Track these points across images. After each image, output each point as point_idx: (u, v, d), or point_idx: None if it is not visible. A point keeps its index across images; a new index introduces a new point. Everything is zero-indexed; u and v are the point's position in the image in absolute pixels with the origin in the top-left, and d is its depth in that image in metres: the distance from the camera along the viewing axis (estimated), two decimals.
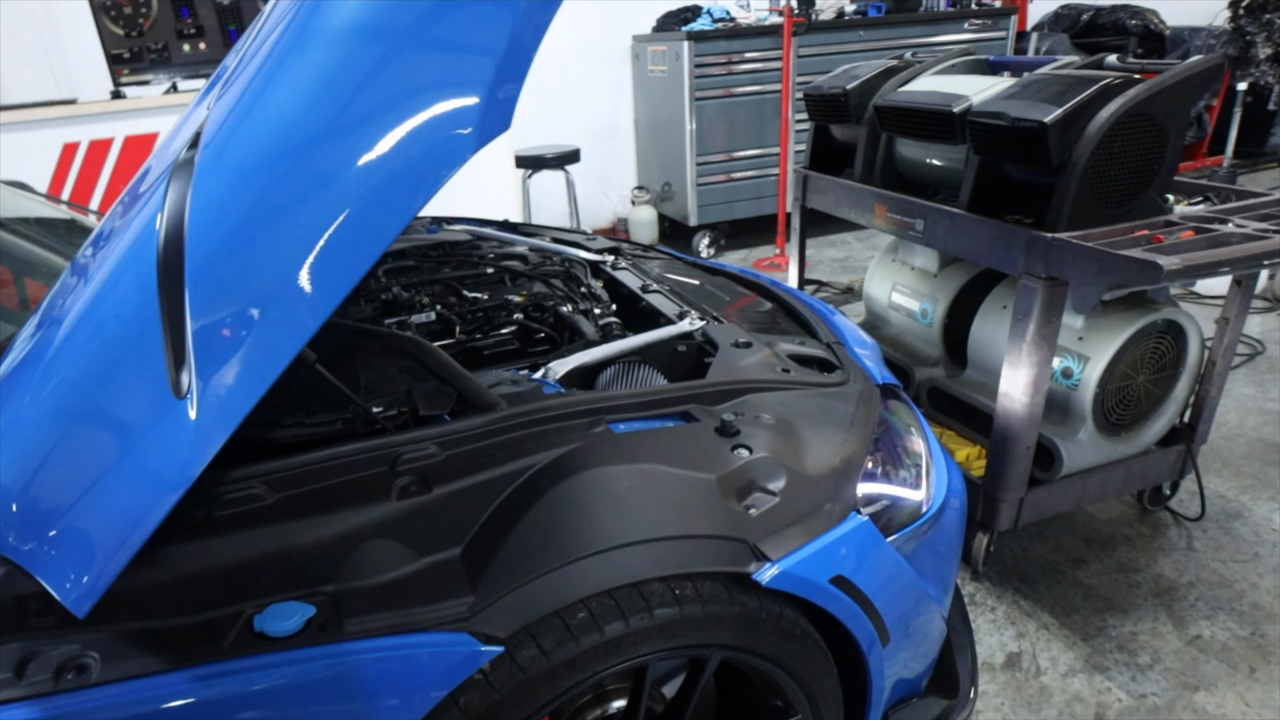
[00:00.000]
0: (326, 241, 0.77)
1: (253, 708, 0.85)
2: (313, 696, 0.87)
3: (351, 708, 0.89)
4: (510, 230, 2.47)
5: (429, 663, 0.91)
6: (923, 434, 1.52)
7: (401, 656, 0.90)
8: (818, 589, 1.08)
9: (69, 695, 0.81)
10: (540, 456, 1.07)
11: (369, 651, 0.89)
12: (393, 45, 0.76)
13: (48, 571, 0.76)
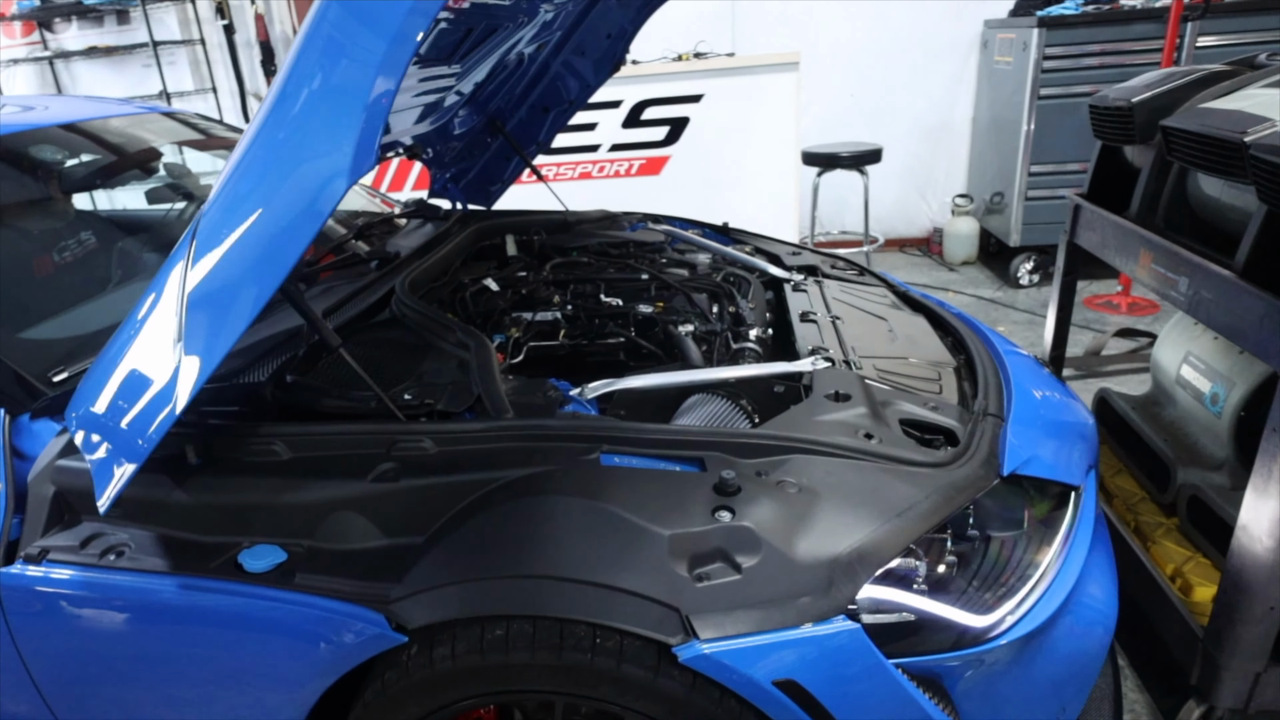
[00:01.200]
0: (264, 249, 0.90)
1: (210, 623, 1.06)
2: (255, 627, 1.06)
3: (279, 647, 1.06)
4: (721, 236, 2.48)
5: (344, 632, 1.03)
6: (1062, 546, 1.23)
7: (325, 619, 1.04)
8: (754, 688, 0.97)
9: (104, 571, 1.10)
10: (515, 472, 1.11)
11: (303, 605, 1.04)
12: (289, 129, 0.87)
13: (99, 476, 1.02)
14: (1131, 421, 2.08)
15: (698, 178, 4.10)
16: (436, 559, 1.04)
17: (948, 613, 1.07)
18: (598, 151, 4.12)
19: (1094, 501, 1.43)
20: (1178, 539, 1.82)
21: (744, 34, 5.05)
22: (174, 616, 1.08)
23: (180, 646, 1.12)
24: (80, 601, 1.12)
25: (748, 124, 3.96)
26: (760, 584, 1.00)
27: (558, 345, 1.62)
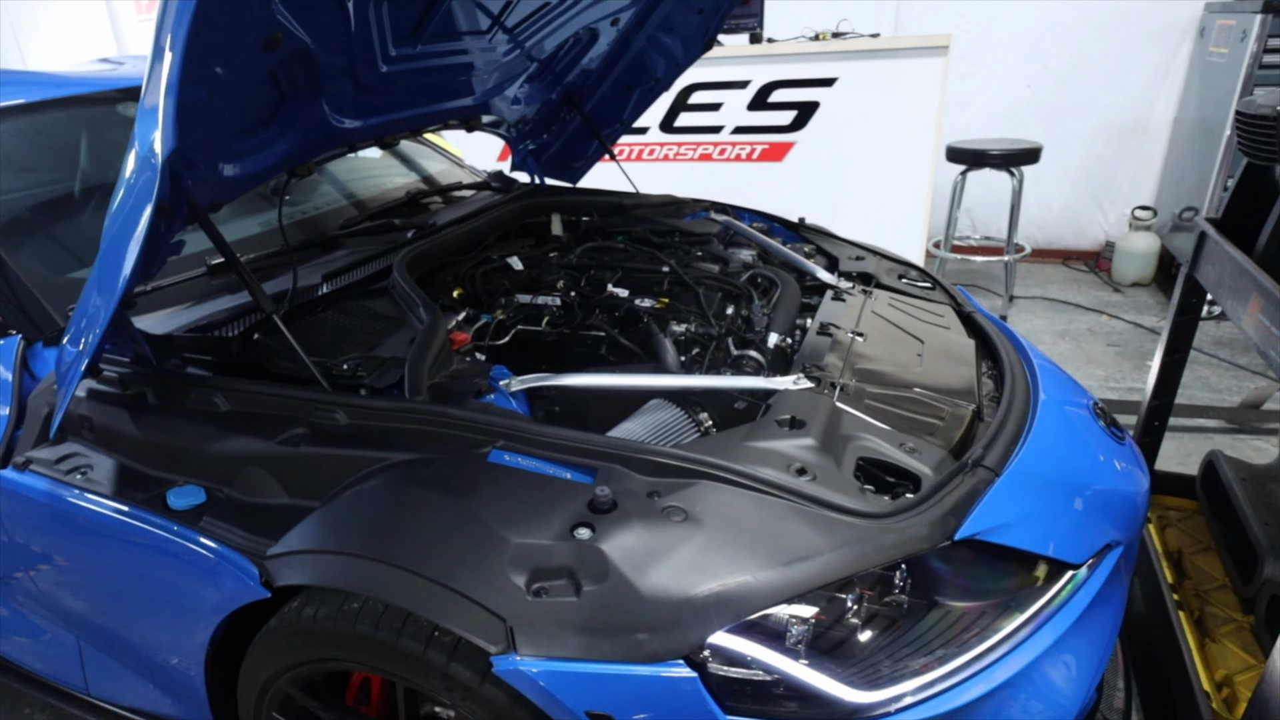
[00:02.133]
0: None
1: (135, 546, 1.20)
2: (166, 557, 1.17)
3: (182, 579, 1.17)
4: (790, 233, 2.36)
5: (227, 577, 1.12)
6: (1020, 629, 1.10)
7: (216, 562, 1.13)
8: (567, 715, 0.94)
9: (66, 487, 1.25)
10: (404, 455, 1.14)
11: (201, 546, 1.14)
12: None
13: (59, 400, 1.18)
14: (1233, 494, 1.77)
15: (822, 167, 3.91)
16: (310, 526, 1.09)
17: (817, 681, 0.97)
18: (720, 133, 4.03)
19: (1101, 581, 1.24)
20: (1246, 641, 1.54)
21: (909, 12, 4.71)
22: (109, 534, 1.23)
23: (113, 559, 1.27)
24: (46, 508, 1.29)
25: (883, 112, 3.71)
26: (597, 610, 0.96)
27: (543, 332, 1.62)
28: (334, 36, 1.31)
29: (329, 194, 2.32)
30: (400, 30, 1.50)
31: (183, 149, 1.13)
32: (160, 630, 1.28)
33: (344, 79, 1.46)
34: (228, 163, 1.36)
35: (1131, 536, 1.37)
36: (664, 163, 4.20)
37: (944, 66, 3.53)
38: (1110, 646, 1.24)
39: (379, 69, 1.53)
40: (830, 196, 3.94)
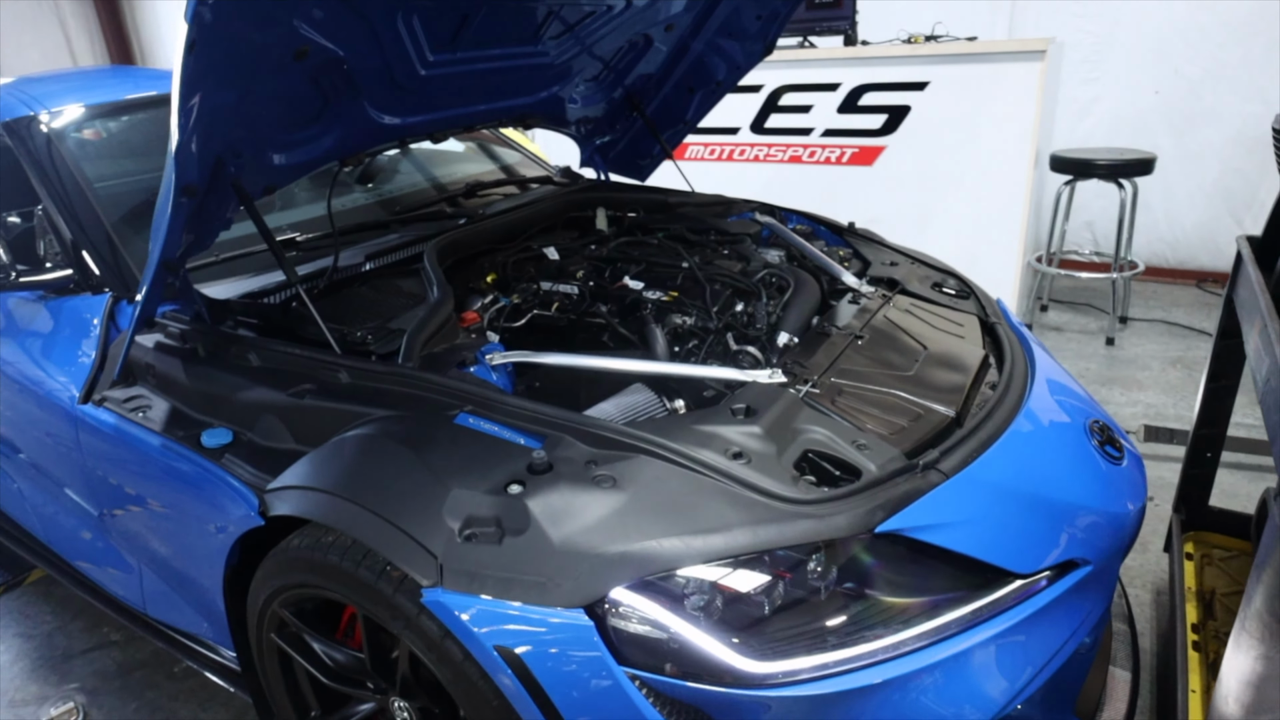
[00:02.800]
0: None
1: (174, 475, 1.44)
2: (196, 486, 1.40)
3: (206, 505, 1.40)
4: (835, 235, 2.39)
5: (237, 506, 1.33)
6: (935, 629, 1.14)
7: (231, 493, 1.35)
8: (479, 647, 1.07)
9: (128, 421, 1.51)
10: (385, 411, 1.31)
11: (221, 479, 1.36)
12: None
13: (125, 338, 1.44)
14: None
15: (913, 172, 3.85)
16: (299, 467, 1.27)
17: (706, 644, 1.06)
18: (810, 135, 4.04)
19: (1051, 598, 1.25)
20: None
21: (1024, 13, 4.53)
22: (155, 464, 1.47)
23: (157, 486, 1.51)
24: (112, 439, 1.55)
25: (976, 118, 3.61)
26: (515, 557, 1.08)
27: (553, 317, 1.75)
28: (363, 47, 1.49)
29: (409, 179, 2.57)
30: (436, 39, 1.68)
31: (224, 141, 1.36)
32: (191, 554, 1.51)
33: (383, 82, 1.66)
34: (277, 153, 1.59)
35: (1105, 558, 1.35)
36: (754, 163, 4.25)
37: (1041, 71, 3.39)
38: (1053, 666, 1.24)
39: (418, 73, 1.71)
40: (921, 202, 3.87)
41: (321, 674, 1.39)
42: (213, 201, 1.47)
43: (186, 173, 1.19)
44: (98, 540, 1.80)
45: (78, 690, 1.95)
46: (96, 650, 2.08)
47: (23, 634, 2.16)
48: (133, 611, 1.84)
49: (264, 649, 1.45)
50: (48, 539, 2.06)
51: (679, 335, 1.70)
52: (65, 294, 1.76)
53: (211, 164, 1.36)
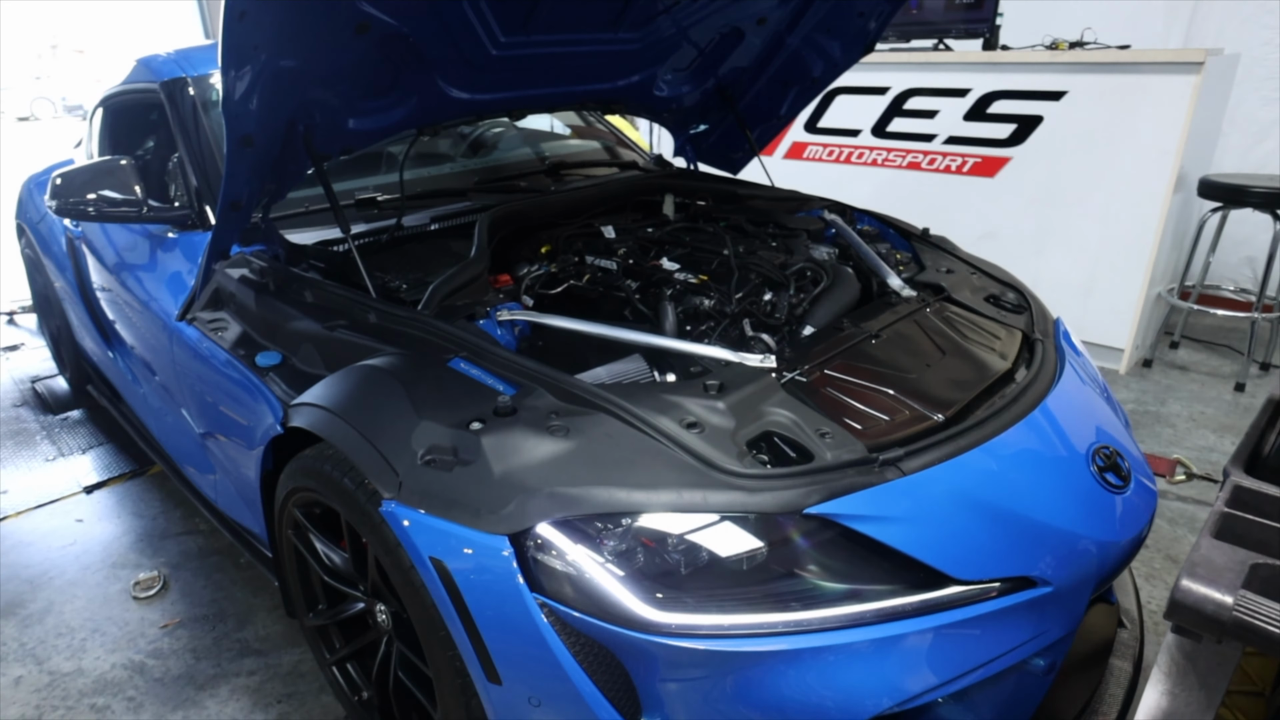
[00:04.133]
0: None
1: (233, 383, 1.71)
2: (247, 394, 1.66)
3: (252, 410, 1.65)
4: (902, 240, 2.37)
5: (269, 417, 1.56)
6: (831, 611, 1.19)
7: (270, 404, 1.58)
8: (415, 552, 1.23)
9: (205, 338, 1.80)
10: (394, 348, 1.50)
11: (264, 392, 1.60)
12: None
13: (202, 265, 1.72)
14: None
15: (1038, 187, 3.66)
16: (315, 389, 1.48)
17: (611, 586, 1.16)
18: (932, 142, 3.93)
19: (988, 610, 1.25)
20: None
21: (1206, 18, 4.16)
22: (222, 374, 1.76)
23: (222, 394, 1.79)
24: (192, 348, 1.86)
25: (1113, 132, 3.38)
26: (460, 483, 1.23)
27: (585, 287, 1.89)
28: (427, 25, 1.68)
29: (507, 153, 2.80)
30: (507, 22, 1.84)
31: (293, 104, 1.59)
32: (242, 455, 1.78)
33: (453, 59, 1.84)
34: (353, 118, 1.82)
35: (1072, 582, 1.32)
36: (871, 167, 4.19)
37: (1195, 85, 3.14)
38: (974, 678, 1.24)
39: (489, 52, 1.89)
40: (1041, 219, 3.69)
41: (322, 571, 1.61)
42: (288, 158, 1.72)
43: (239, 124, 1.42)
44: (188, 439, 2.13)
45: (165, 564, 2.32)
46: (186, 535, 2.45)
47: (135, 513, 2.58)
48: (210, 504, 2.17)
49: (284, 544, 1.69)
50: (159, 436, 2.45)
51: (696, 315, 1.79)
52: (185, 229, 2.09)
53: (283, 123, 1.59)
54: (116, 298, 2.39)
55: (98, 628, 2.08)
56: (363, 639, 1.65)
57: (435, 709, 1.41)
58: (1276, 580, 0.69)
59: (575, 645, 1.18)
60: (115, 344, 2.59)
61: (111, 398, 2.89)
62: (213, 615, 2.12)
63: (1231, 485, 0.86)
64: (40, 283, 3.31)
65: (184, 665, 1.95)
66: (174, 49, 2.49)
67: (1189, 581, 0.71)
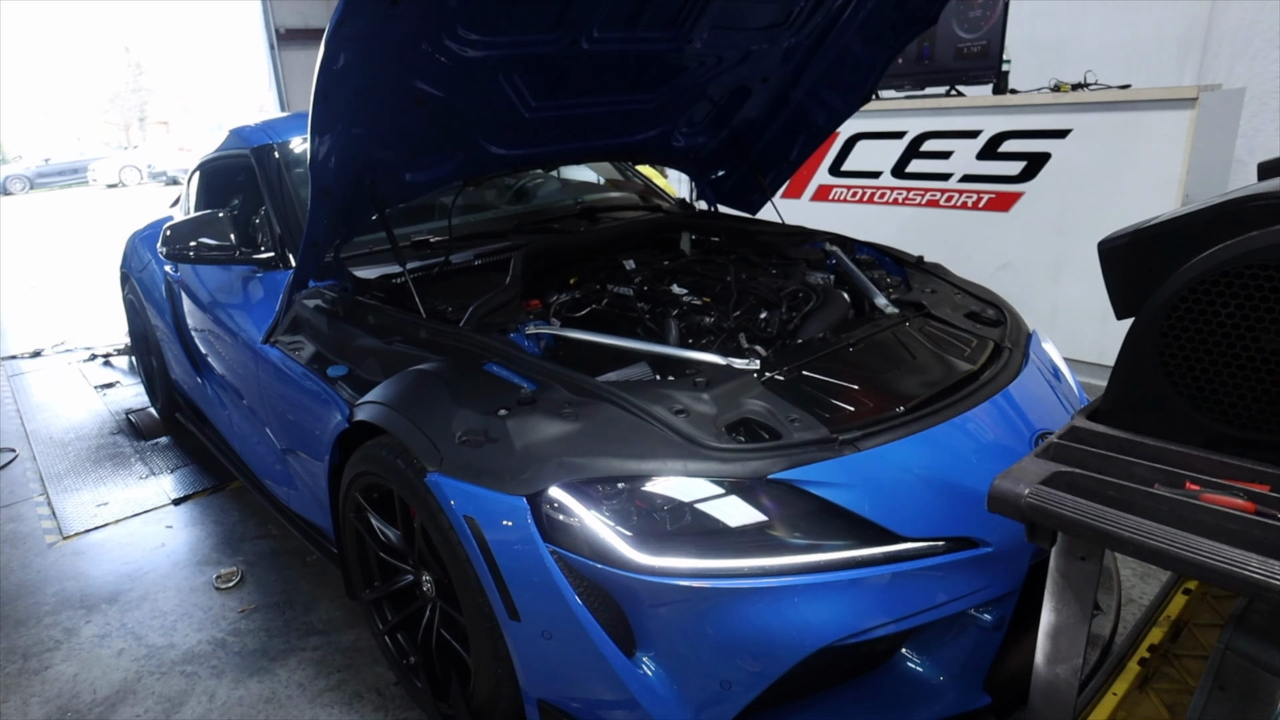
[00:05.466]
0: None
1: (308, 394, 2.07)
2: (319, 401, 2.02)
3: (324, 413, 2.00)
4: (897, 267, 2.63)
5: (337, 416, 1.92)
6: (796, 558, 1.46)
7: (339, 406, 1.93)
8: (452, 513, 1.54)
9: (285, 356, 2.17)
10: (440, 357, 1.84)
11: (333, 397, 1.96)
12: None
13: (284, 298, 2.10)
14: None
15: (1049, 219, 3.88)
16: (376, 390, 1.83)
17: (607, 535, 1.45)
18: (948, 180, 4.20)
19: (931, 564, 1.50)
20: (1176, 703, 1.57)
21: (1215, 61, 4.38)
22: (298, 385, 2.13)
23: (298, 402, 2.15)
24: (273, 365, 2.23)
25: (1117, 166, 3.61)
26: (489, 457, 1.55)
27: (604, 310, 2.21)
28: (471, 97, 2.05)
29: (546, 199, 3.18)
30: (537, 90, 2.22)
31: (362, 162, 1.97)
32: (312, 453, 2.12)
33: (492, 122, 2.22)
34: (409, 172, 2.20)
35: (1011, 544, 1.55)
36: (893, 206, 4.47)
37: (1192, 119, 3.36)
38: (920, 620, 1.47)
39: (522, 115, 2.26)
40: (1056, 250, 3.90)
41: (378, 548, 1.93)
42: (357, 206, 2.10)
43: (321, 178, 1.81)
44: (269, 453, 2.50)
45: (242, 561, 2.68)
46: (261, 538, 2.82)
47: (216, 520, 2.97)
48: (283, 506, 2.52)
49: (346, 528, 2.02)
50: (238, 447, 2.84)
51: (699, 331, 2.09)
52: (269, 269, 2.49)
53: (354, 178, 1.98)
54: (209, 331, 2.80)
55: (186, 612, 2.44)
56: (410, 607, 1.95)
57: (469, 653, 1.70)
58: (1070, 481, 0.95)
59: (580, 586, 1.47)
60: (205, 374, 3.01)
61: (198, 423, 3.31)
62: (283, 602, 2.45)
63: (1069, 425, 1.11)
64: (139, 325, 3.80)
65: (259, 642, 2.28)
66: (260, 120, 2.95)
67: (999, 481, 0.97)
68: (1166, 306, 1.01)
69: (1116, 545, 0.86)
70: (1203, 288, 0.98)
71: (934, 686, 1.62)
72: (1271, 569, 0.76)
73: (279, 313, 2.32)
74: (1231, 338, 0.98)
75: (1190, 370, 1.01)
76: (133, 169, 22.07)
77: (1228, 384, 0.99)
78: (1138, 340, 1.05)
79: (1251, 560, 0.77)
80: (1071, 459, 1.02)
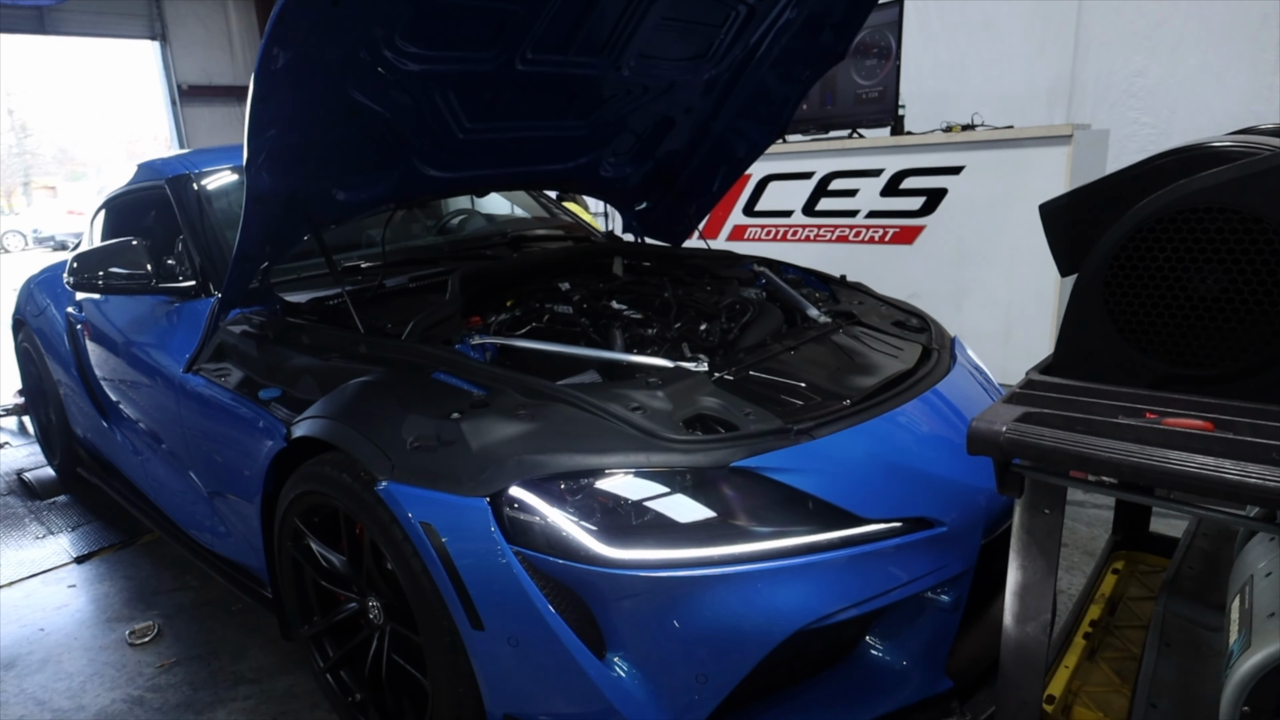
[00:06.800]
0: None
1: (238, 419, 1.95)
2: (250, 425, 1.89)
3: (255, 437, 1.87)
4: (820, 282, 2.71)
5: (272, 437, 1.80)
6: (767, 543, 1.43)
7: (271, 427, 1.81)
8: (408, 520, 1.45)
9: (209, 383, 2.04)
10: (381, 369, 1.76)
11: (267, 418, 1.85)
12: None
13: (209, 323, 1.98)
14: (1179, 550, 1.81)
15: (950, 250, 4.10)
16: (319, 405, 1.73)
17: (572, 530, 1.39)
18: (855, 217, 4.39)
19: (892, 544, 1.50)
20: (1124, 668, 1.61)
21: (1080, 106, 4.78)
22: (227, 413, 1.99)
23: (226, 427, 2.01)
24: (196, 396, 2.08)
25: (1007, 198, 3.86)
26: (444, 460, 1.47)
27: (544, 327, 2.17)
28: (406, 113, 2.02)
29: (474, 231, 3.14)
30: (471, 110, 2.20)
31: (295, 174, 1.90)
32: (244, 482, 1.98)
33: (427, 141, 2.19)
34: (341, 191, 2.13)
35: (963, 523, 1.57)
36: (805, 242, 4.63)
37: (1068, 155, 3.64)
38: (887, 600, 1.47)
39: (456, 136, 2.24)
40: (958, 278, 4.10)
41: (319, 575, 1.80)
42: (289, 223, 2.01)
43: (256, 186, 1.72)
44: (189, 493, 2.32)
45: (158, 615, 2.45)
46: (179, 590, 2.59)
47: (126, 576, 2.71)
48: (208, 553, 2.33)
49: (282, 559, 1.88)
50: (153, 495, 2.62)
51: (641, 342, 2.07)
52: (188, 299, 2.35)
53: (287, 190, 1.90)
54: (120, 371, 2.61)
55: (96, 671, 2.20)
56: (355, 639, 1.82)
57: (426, 675, 1.58)
58: (1041, 418, 0.97)
59: (546, 587, 1.40)
60: (115, 420, 2.79)
61: (105, 476, 3.05)
62: (207, 653, 2.25)
63: (1025, 379, 1.15)
64: (34, 375, 3.51)
65: (182, 696, 2.07)
66: (170, 154, 2.82)
67: (977, 423, 0.98)
68: (1109, 255, 1.06)
69: (1095, 467, 0.88)
70: (1140, 235, 1.04)
71: (898, 674, 1.61)
72: (1245, 469, 0.79)
73: (202, 339, 2.18)
74: (1169, 280, 1.03)
75: (1134, 315, 1.06)
76: (16, 234, 20.73)
77: (1169, 325, 1.04)
78: (1084, 291, 1.10)
79: (1225, 463, 0.80)
80: (1029, 399, 1.05)
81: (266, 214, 1.84)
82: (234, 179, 2.67)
